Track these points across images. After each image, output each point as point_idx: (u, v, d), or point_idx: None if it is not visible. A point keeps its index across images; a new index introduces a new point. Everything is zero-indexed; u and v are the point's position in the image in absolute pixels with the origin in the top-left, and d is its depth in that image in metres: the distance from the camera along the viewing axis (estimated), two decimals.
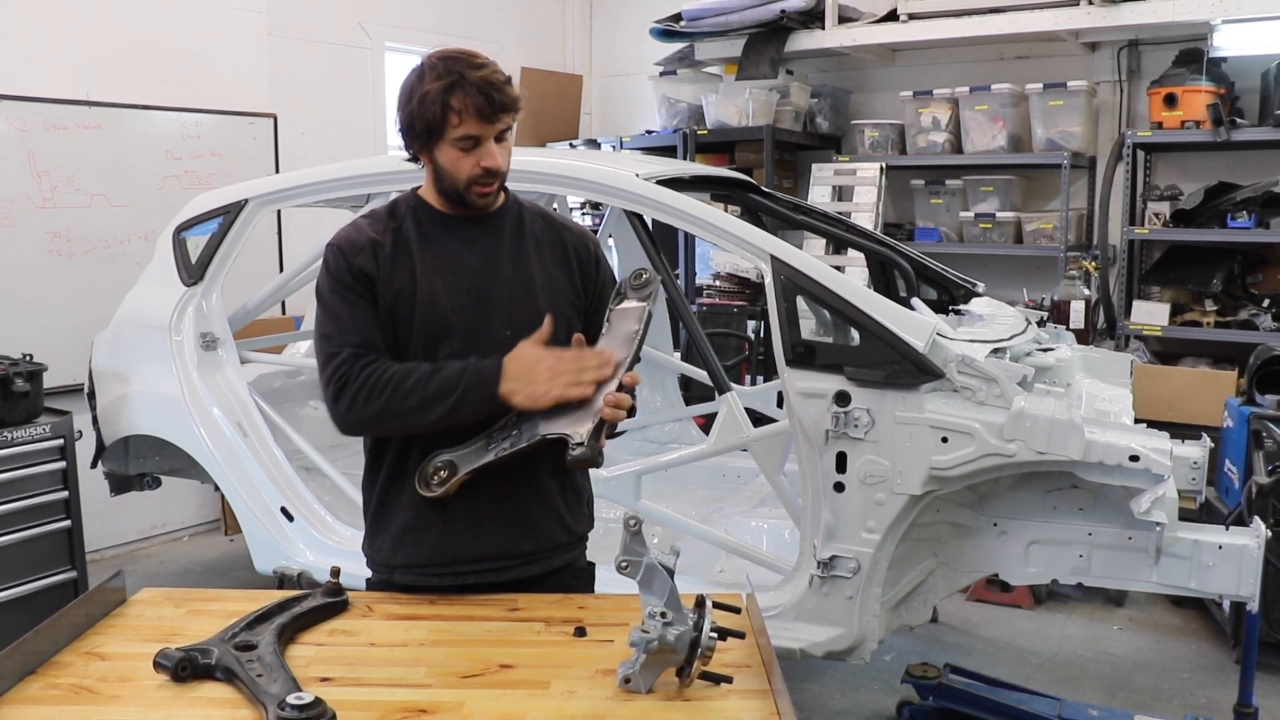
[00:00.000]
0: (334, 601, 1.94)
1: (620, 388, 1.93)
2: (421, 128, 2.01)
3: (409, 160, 2.12)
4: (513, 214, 2.19)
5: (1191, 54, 5.23)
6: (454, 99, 1.96)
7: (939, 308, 3.66)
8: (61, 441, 4.19)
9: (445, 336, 2.06)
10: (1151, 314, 5.35)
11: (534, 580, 2.14)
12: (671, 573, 1.67)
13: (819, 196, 5.97)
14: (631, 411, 1.99)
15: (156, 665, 1.64)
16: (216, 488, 4.06)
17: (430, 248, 2.10)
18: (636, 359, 1.98)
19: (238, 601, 1.96)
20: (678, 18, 6.42)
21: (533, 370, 1.95)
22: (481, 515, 2.08)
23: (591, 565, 2.31)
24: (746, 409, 3.19)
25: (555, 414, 1.95)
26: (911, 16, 5.77)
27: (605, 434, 1.93)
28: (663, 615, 1.61)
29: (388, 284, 2.06)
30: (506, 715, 1.55)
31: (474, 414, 1.99)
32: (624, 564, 1.67)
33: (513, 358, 1.97)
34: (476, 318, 2.08)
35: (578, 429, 1.91)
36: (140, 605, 1.98)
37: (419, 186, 2.18)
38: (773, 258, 3.05)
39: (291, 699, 1.49)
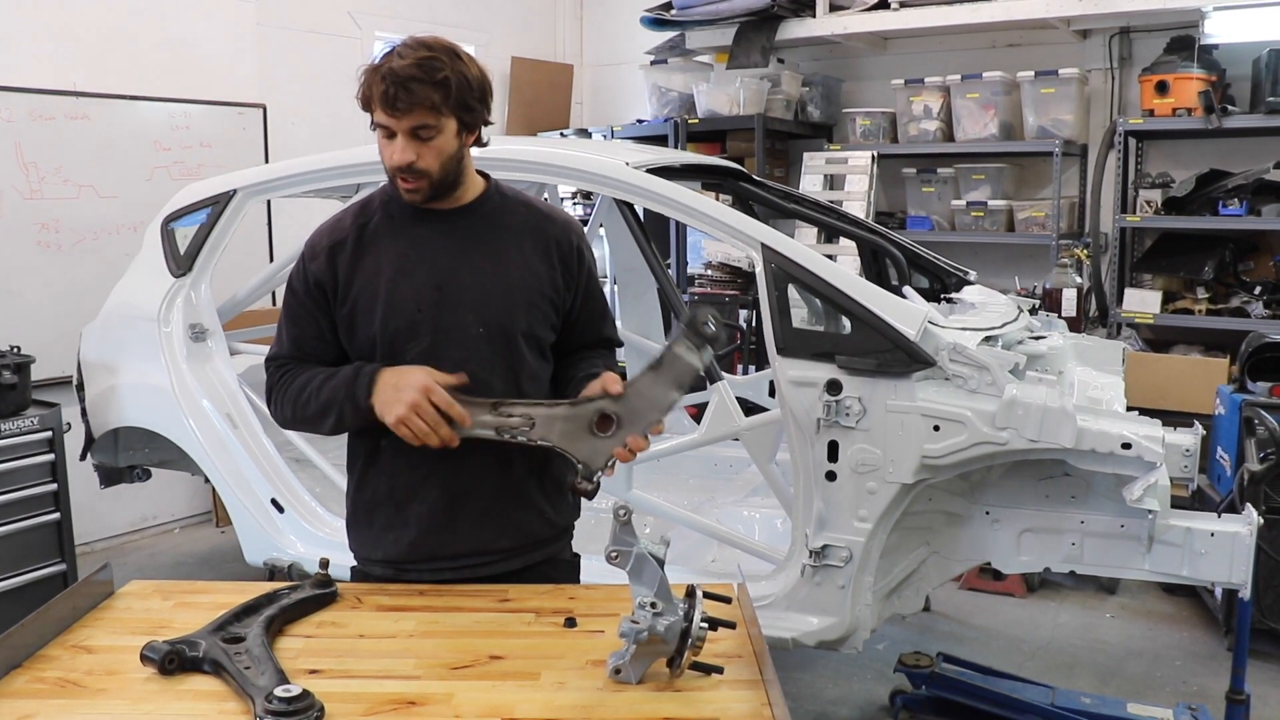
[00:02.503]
0: (323, 593, 1.93)
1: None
2: (363, 108, 1.97)
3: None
4: (491, 203, 2.12)
5: (1183, 41, 5.23)
6: (373, 83, 1.92)
7: (931, 296, 3.66)
8: (50, 434, 4.16)
9: (413, 335, 2.02)
10: (1143, 302, 5.35)
11: (513, 574, 2.12)
12: (662, 563, 1.66)
13: (810, 185, 5.96)
14: None
15: (144, 658, 1.63)
16: (207, 480, 4.05)
17: (400, 243, 2.06)
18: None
19: (226, 594, 1.95)
20: (668, 6, 6.40)
21: (400, 392, 1.91)
22: (457, 513, 2.07)
23: (577, 557, 2.28)
24: (738, 398, 3.18)
25: (574, 435, 1.91)
26: (903, 4, 5.76)
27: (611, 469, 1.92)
28: (653, 605, 1.61)
29: (346, 287, 2.05)
30: (496, 706, 1.55)
31: (357, 424, 2.03)
32: (614, 554, 1.67)
33: (393, 370, 1.96)
34: (447, 314, 2.02)
35: (591, 461, 1.90)
36: (128, 598, 1.97)
37: None
38: (764, 246, 3.03)
39: (279, 691, 1.48)
